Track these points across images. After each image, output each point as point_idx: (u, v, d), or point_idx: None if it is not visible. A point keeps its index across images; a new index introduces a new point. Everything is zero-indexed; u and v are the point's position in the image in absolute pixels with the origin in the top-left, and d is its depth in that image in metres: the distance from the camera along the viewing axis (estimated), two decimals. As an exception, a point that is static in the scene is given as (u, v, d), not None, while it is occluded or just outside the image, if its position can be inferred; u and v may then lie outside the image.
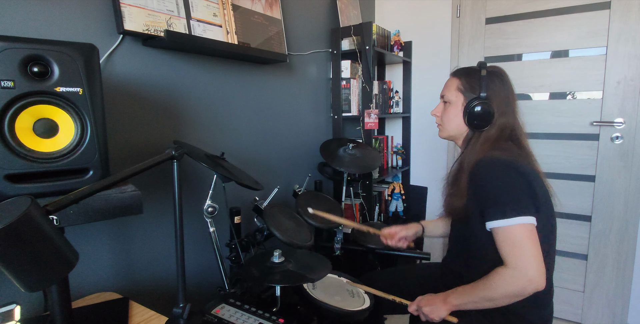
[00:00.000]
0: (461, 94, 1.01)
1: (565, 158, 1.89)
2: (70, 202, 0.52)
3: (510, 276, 0.83)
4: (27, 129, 0.63)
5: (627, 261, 1.77)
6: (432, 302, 0.96)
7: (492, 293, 0.85)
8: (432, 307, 0.95)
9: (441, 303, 0.94)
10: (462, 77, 1.02)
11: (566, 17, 1.83)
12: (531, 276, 0.81)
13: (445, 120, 1.06)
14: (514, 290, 0.82)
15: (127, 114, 1.04)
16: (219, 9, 1.24)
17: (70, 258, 0.49)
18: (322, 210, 1.29)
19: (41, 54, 0.62)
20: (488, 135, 0.97)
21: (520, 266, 0.82)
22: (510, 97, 0.99)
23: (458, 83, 1.02)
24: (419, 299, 0.99)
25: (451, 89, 1.04)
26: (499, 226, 0.85)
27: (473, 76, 1.00)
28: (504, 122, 0.97)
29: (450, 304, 0.93)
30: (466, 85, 1.00)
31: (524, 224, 0.83)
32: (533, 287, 0.81)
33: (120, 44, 1.01)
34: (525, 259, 0.81)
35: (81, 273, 0.96)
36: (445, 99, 1.05)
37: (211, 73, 1.28)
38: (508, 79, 1.00)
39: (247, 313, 0.87)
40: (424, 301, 0.98)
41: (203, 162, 0.92)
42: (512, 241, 0.84)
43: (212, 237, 1.02)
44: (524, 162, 0.92)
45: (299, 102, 1.74)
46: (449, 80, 1.06)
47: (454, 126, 1.04)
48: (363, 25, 1.79)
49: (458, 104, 1.02)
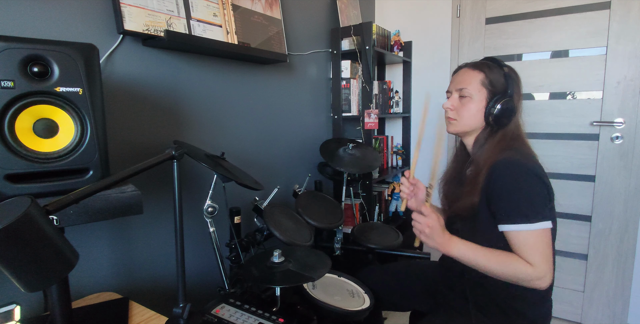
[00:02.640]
0: (485, 90, 0.97)
1: (565, 158, 1.89)
2: (70, 202, 0.52)
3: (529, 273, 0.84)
4: (27, 129, 0.63)
5: (627, 261, 1.77)
6: (438, 232, 0.89)
7: (499, 272, 0.87)
8: (432, 234, 0.89)
9: (444, 241, 0.89)
10: (486, 72, 0.97)
11: (566, 17, 1.83)
12: (547, 278, 0.84)
13: (463, 115, 1.00)
14: (523, 279, 0.85)
15: (127, 114, 1.04)
16: (219, 9, 1.24)
17: (70, 258, 0.49)
18: (322, 210, 1.29)
19: (41, 54, 0.62)
20: (505, 133, 0.96)
21: (542, 267, 0.84)
22: (521, 96, 0.99)
23: (482, 77, 0.97)
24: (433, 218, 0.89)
25: (473, 83, 0.97)
26: (520, 229, 0.86)
27: (495, 72, 0.97)
28: (518, 121, 0.98)
29: (449, 248, 0.89)
30: (491, 80, 0.96)
31: (544, 229, 0.85)
32: (539, 284, 0.85)
33: (120, 44, 1.01)
34: (545, 260, 0.84)
35: (81, 273, 0.96)
36: (466, 93, 0.98)
37: (211, 73, 1.28)
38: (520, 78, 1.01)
39: (247, 313, 0.87)
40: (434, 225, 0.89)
41: (203, 162, 0.92)
42: (533, 244, 0.85)
43: (212, 237, 1.02)
44: (539, 164, 0.92)
45: (299, 102, 1.74)
46: (468, 72, 0.99)
47: (472, 122, 0.99)
48: (363, 25, 1.79)
49: (481, 99, 0.97)
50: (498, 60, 1.00)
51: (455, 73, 1.05)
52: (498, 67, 0.98)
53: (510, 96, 0.95)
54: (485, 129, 1.00)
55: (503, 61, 1.00)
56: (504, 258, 0.87)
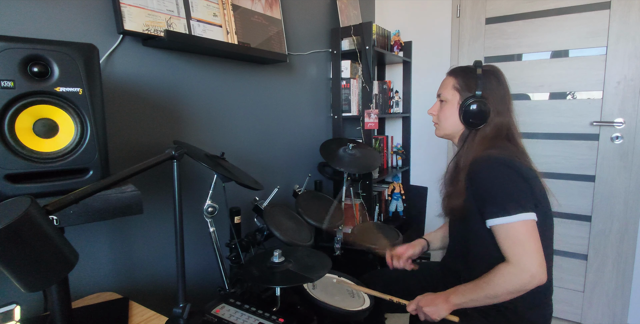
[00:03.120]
0: (457, 93, 1.02)
1: (565, 158, 1.89)
2: (70, 202, 0.52)
3: (512, 273, 0.83)
4: (27, 129, 0.63)
5: (627, 261, 1.77)
6: (433, 302, 0.95)
7: (495, 290, 0.86)
8: (433, 307, 0.94)
9: (442, 302, 0.93)
10: (458, 76, 1.02)
11: (566, 17, 1.83)
12: (533, 272, 0.82)
13: (441, 118, 1.06)
14: (517, 286, 0.83)
15: (127, 114, 1.04)
16: (219, 9, 1.24)
17: (70, 258, 0.49)
18: (322, 210, 1.29)
19: (41, 54, 0.62)
20: (484, 134, 0.98)
21: (523, 262, 0.83)
22: (506, 97, 0.99)
23: (454, 82, 1.03)
24: (418, 299, 0.99)
25: (447, 88, 1.04)
26: (500, 223, 0.86)
27: (469, 75, 1.00)
28: (500, 121, 0.98)
29: (452, 304, 0.93)
30: (462, 83, 1.01)
31: (525, 221, 0.84)
32: (535, 282, 0.82)
33: (120, 44, 1.01)
34: (527, 255, 0.83)
35: (81, 273, 0.96)
36: (442, 97, 1.05)
37: (211, 73, 1.28)
38: (504, 79, 1.01)
39: (247, 313, 0.87)
40: (424, 300, 0.97)
41: (203, 162, 0.92)
42: (513, 237, 0.84)
43: (212, 237, 1.02)
44: (521, 160, 0.92)
45: (299, 102, 1.74)
46: (445, 79, 1.06)
47: (450, 125, 1.04)
48: (363, 25, 1.79)
49: (454, 103, 1.02)
50: (478, 64, 1.01)
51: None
52: (472, 70, 1.00)
53: (479, 97, 0.96)
54: (464, 131, 1.03)
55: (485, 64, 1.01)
56: (490, 278, 0.87)
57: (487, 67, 1.00)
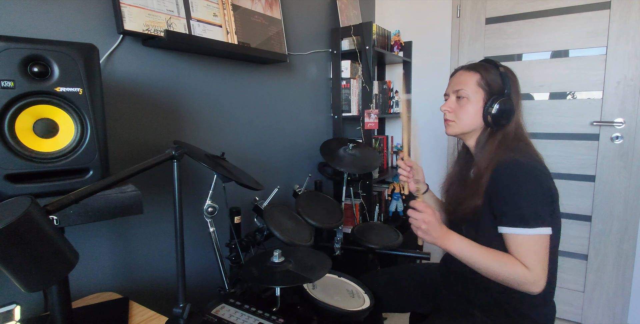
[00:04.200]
0: (482, 90, 0.97)
1: (565, 158, 1.89)
2: (70, 202, 0.52)
3: (524, 275, 0.84)
4: (27, 129, 0.63)
5: (627, 261, 1.77)
6: (435, 228, 0.88)
7: (496, 271, 0.86)
8: (430, 229, 0.88)
9: (442, 236, 0.89)
10: (482, 72, 0.97)
11: (566, 17, 1.83)
12: (540, 282, 0.84)
13: (461, 116, 1.00)
14: (517, 282, 0.85)
15: (127, 114, 1.04)
16: (219, 9, 1.24)
17: (70, 258, 0.49)
18: (322, 210, 1.29)
19: (41, 54, 0.62)
20: (506, 133, 0.96)
21: (537, 271, 0.84)
22: (520, 95, 0.99)
23: (478, 78, 0.97)
24: (430, 213, 0.89)
25: (469, 84, 0.98)
26: (517, 233, 0.86)
27: (491, 72, 0.97)
28: (519, 120, 0.97)
29: (447, 244, 0.89)
30: (487, 81, 0.96)
31: (543, 235, 0.85)
32: (531, 288, 0.84)
33: (120, 44, 1.01)
34: (540, 266, 0.84)
35: (81, 273, 0.96)
36: (462, 94, 0.99)
37: (211, 73, 1.28)
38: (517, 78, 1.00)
39: (247, 313, 0.87)
40: (431, 220, 0.88)
41: (203, 162, 0.92)
42: (529, 248, 0.85)
43: (212, 237, 1.02)
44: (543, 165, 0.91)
45: (299, 102, 1.74)
46: (464, 74, 1.00)
47: (471, 123, 0.99)
48: (363, 25, 1.79)
49: (478, 100, 0.97)
50: (494, 61, 1.00)
51: (452, 76, 1.06)
52: (494, 68, 0.98)
53: (508, 96, 0.94)
54: (485, 130, 0.99)
55: (499, 62, 1.00)
56: (502, 257, 0.86)
57: (506, 67, 0.99)
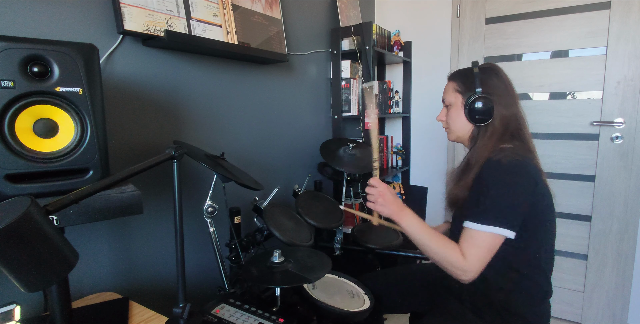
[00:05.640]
0: (459, 94, 1.03)
1: (565, 158, 1.89)
2: (70, 202, 0.52)
3: (458, 261, 0.89)
4: (27, 129, 0.63)
5: (627, 261, 1.77)
6: (391, 202, 0.99)
7: (435, 252, 0.92)
8: (386, 203, 0.99)
9: (396, 210, 0.98)
10: (457, 79, 1.05)
11: (566, 17, 1.83)
12: (470, 274, 0.88)
13: (450, 122, 1.08)
14: (449, 268, 0.90)
15: (127, 114, 1.04)
16: (219, 9, 1.24)
17: (70, 258, 0.49)
18: (322, 210, 1.29)
19: (41, 54, 0.62)
20: (494, 129, 0.98)
21: (471, 263, 0.88)
22: (508, 89, 1.00)
23: (454, 85, 1.05)
24: (386, 189, 1.01)
25: (449, 92, 1.06)
26: (472, 227, 0.89)
27: (467, 76, 1.02)
28: (507, 114, 0.98)
29: (399, 218, 0.98)
30: (462, 85, 1.03)
31: (493, 234, 0.87)
32: (460, 275, 0.89)
33: (120, 44, 1.01)
34: (477, 259, 0.88)
35: (81, 273, 0.96)
36: (446, 102, 1.08)
37: (211, 73, 1.28)
38: (503, 73, 1.02)
39: (247, 313, 0.87)
40: (387, 195, 1.00)
41: (203, 162, 0.92)
42: (474, 241, 0.89)
43: (212, 237, 1.02)
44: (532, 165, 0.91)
45: (299, 102, 1.74)
46: (446, 84, 1.08)
47: (460, 126, 1.05)
48: (363, 25, 1.79)
49: (458, 104, 1.04)
50: (474, 63, 1.03)
51: None
52: (469, 71, 1.02)
53: (483, 93, 0.98)
54: (474, 130, 1.03)
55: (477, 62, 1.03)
56: (445, 241, 0.92)
57: (484, 65, 1.02)
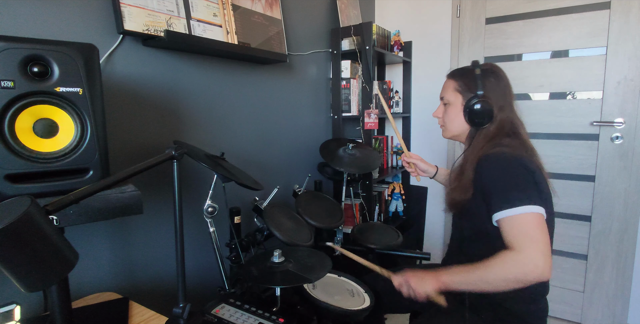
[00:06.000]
0: (459, 94, 1.03)
1: (565, 158, 1.89)
2: (70, 202, 0.52)
3: (514, 260, 0.79)
4: (27, 129, 0.63)
5: (627, 261, 1.77)
6: (422, 276, 0.92)
7: (491, 275, 0.82)
8: (419, 281, 0.91)
9: (431, 278, 0.90)
10: (458, 78, 1.04)
11: (566, 17, 1.83)
12: (537, 262, 0.76)
13: (447, 121, 1.08)
14: (516, 274, 0.78)
15: (127, 114, 1.04)
16: (219, 9, 1.24)
17: (70, 257, 0.49)
18: (322, 210, 1.29)
19: (41, 54, 0.62)
20: (489, 131, 0.99)
21: (527, 250, 0.77)
22: (506, 92, 1.00)
23: (455, 84, 1.04)
24: (406, 272, 0.96)
25: (449, 91, 1.06)
26: (506, 215, 0.82)
27: (468, 76, 1.02)
28: (504, 117, 0.98)
29: (441, 281, 0.89)
30: (462, 85, 1.02)
31: (533, 213, 0.81)
32: (537, 274, 0.76)
33: (120, 44, 1.01)
34: (534, 245, 0.77)
35: (81, 273, 0.96)
36: (445, 100, 1.07)
37: (211, 73, 1.28)
38: (503, 74, 1.02)
39: (247, 313, 0.87)
40: (412, 274, 0.94)
41: (203, 162, 0.92)
42: (519, 229, 0.80)
43: (212, 237, 1.02)
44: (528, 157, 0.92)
45: (299, 102, 1.74)
46: (446, 82, 1.08)
47: (456, 126, 1.05)
48: (363, 25, 1.79)
49: (457, 104, 1.04)
50: (475, 63, 1.02)
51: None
52: (471, 71, 1.01)
53: (483, 96, 0.97)
54: (471, 130, 1.04)
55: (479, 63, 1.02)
56: (487, 260, 0.83)
57: (485, 66, 1.02)
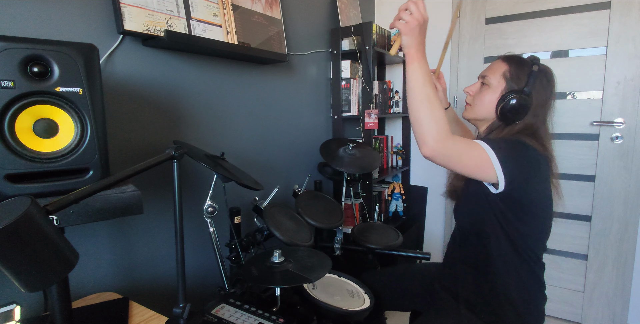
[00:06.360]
0: (504, 81, 0.97)
1: (565, 158, 1.89)
2: (70, 202, 0.52)
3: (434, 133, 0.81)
4: (27, 129, 0.63)
5: (627, 261, 1.77)
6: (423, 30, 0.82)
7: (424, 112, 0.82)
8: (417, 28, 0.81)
9: (421, 42, 0.83)
10: (512, 65, 0.97)
11: (566, 17, 1.83)
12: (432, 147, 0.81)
13: (477, 102, 1.02)
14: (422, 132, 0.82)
15: (127, 114, 1.04)
16: (219, 9, 1.24)
17: (70, 258, 0.49)
18: (322, 210, 1.28)
19: (41, 54, 0.62)
20: (512, 129, 0.96)
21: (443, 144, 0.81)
22: (549, 100, 0.97)
23: (506, 69, 0.97)
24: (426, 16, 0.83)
25: (496, 73, 0.99)
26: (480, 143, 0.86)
27: (523, 67, 0.96)
28: (532, 123, 0.95)
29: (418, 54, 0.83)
30: (513, 74, 0.96)
31: (485, 150, 0.83)
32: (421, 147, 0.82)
33: (120, 44, 1.01)
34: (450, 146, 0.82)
35: (81, 273, 0.96)
36: (486, 81, 1.00)
37: (211, 73, 1.28)
38: (554, 83, 0.98)
39: (247, 313, 0.87)
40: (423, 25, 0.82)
41: (203, 162, 0.92)
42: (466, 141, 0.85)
43: (212, 237, 1.02)
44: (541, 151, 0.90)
45: (299, 102, 1.74)
46: (496, 63, 1.01)
47: (484, 111, 1.00)
48: (363, 25, 1.79)
49: (497, 90, 0.97)
50: (534, 59, 0.98)
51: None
52: (528, 65, 0.96)
53: (526, 94, 0.93)
54: (495, 122, 1.00)
55: (539, 61, 0.98)
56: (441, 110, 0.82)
57: (543, 67, 0.97)
